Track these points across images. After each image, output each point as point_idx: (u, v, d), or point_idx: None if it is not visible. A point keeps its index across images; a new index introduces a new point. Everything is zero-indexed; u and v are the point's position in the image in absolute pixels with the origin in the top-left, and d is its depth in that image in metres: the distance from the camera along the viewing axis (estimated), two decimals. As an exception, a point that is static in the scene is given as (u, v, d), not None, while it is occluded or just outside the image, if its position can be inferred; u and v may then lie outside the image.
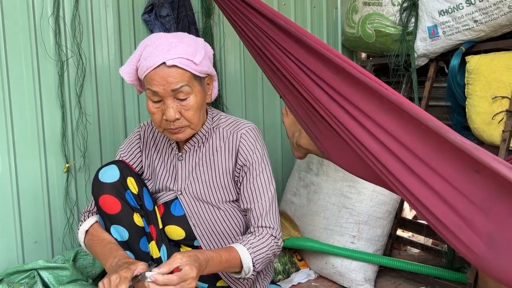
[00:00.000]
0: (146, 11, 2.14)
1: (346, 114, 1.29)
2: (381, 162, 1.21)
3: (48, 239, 1.99)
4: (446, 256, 2.03)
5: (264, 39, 1.51)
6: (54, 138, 1.97)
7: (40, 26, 1.91)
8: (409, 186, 1.15)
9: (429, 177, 1.10)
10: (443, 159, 1.06)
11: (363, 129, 1.25)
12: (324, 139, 1.50)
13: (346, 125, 1.30)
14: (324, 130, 1.45)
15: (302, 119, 1.57)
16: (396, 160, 1.17)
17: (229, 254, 1.31)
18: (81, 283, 1.77)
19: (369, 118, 1.22)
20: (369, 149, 1.24)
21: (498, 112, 1.83)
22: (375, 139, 1.22)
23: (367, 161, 1.28)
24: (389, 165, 1.19)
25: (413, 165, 1.13)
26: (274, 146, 2.62)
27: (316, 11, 2.73)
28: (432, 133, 1.07)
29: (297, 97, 1.50)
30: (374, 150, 1.22)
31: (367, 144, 1.24)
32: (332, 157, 1.56)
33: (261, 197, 1.43)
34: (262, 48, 1.55)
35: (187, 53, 1.32)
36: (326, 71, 1.32)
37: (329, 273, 2.06)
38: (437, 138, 1.06)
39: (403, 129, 1.15)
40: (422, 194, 1.12)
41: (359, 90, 1.23)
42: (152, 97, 1.36)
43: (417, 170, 1.12)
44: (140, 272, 1.15)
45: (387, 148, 1.19)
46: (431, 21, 2.10)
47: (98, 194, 1.40)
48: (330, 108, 1.34)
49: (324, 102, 1.35)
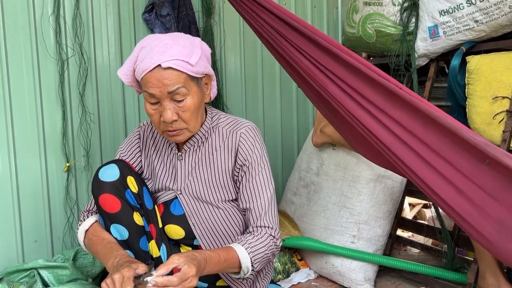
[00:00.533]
0: (146, 10, 2.14)
1: (360, 108, 1.36)
2: (396, 155, 1.29)
3: (48, 238, 1.99)
4: (446, 256, 2.03)
5: (278, 38, 1.55)
6: (55, 137, 1.97)
7: (41, 25, 1.91)
8: (423, 177, 1.23)
9: (443, 168, 1.18)
10: (456, 151, 1.15)
11: (378, 123, 1.32)
12: (346, 131, 1.60)
13: (362, 121, 1.36)
14: (345, 123, 1.52)
15: (325, 111, 1.64)
16: (410, 151, 1.25)
17: (227, 254, 1.31)
18: (81, 282, 1.77)
19: (384, 113, 1.29)
20: (384, 143, 1.31)
21: (499, 112, 1.83)
22: (389, 132, 1.30)
23: (381, 152, 1.35)
24: (404, 157, 1.27)
25: (428, 157, 1.21)
26: (274, 145, 2.62)
27: (317, 10, 2.73)
28: (445, 129, 1.16)
29: (315, 92, 1.55)
30: (388, 142, 1.30)
31: (382, 138, 1.32)
32: (356, 148, 1.65)
33: (260, 197, 1.43)
34: (277, 47, 1.59)
35: (182, 55, 1.31)
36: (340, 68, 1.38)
37: (329, 272, 2.06)
38: (450, 134, 1.15)
39: (417, 123, 1.23)
40: (435, 183, 1.20)
41: (374, 87, 1.30)
42: (149, 99, 1.36)
43: (432, 161, 1.21)
44: (141, 272, 1.15)
45: (401, 141, 1.27)
46: (431, 21, 2.10)
47: (98, 193, 1.40)
48: (344, 103, 1.40)
49: (338, 97, 1.41)
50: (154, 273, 1.12)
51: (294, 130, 2.70)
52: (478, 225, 1.13)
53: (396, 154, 1.29)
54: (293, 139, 2.70)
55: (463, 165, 1.14)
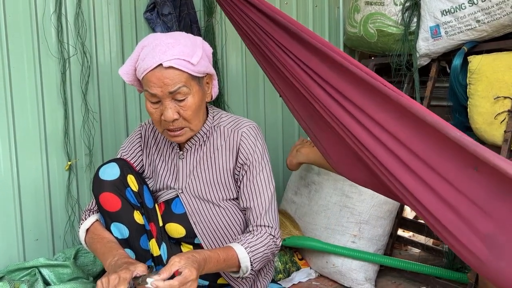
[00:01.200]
0: (148, 10, 2.14)
1: (344, 111, 1.28)
2: (377, 158, 1.19)
3: (49, 236, 1.99)
4: (447, 256, 2.03)
5: (263, 36, 1.50)
6: (56, 135, 1.97)
7: (43, 24, 1.91)
8: (407, 185, 1.12)
9: (428, 176, 1.07)
10: (443, 157, 1.04)
11: (360, 126, 1.23)
12: (324, 138, 1.50)
13: (343, 122, 1.29)
14: (323, 128, 1.44)
15: (301, 117, 1.57)
16: (393, 158, 1.15)
17: (226, 253, 1.31)
18: (82, 281, 1.77)
19: (367, 115, 1.21)
20: (366, 147, 1.22)
21: (500, 112, 1.83)
22: (371, 135, 1.21)
23: (364, 159, 1.26)
24: (386, 163, 1.17)
25: (411, 163, 1.10)
26: (275, 145, 2.62)
27: (318, 10, 2.72)
28: (431, 130, 1.04)
29: (296, 94, 1.49)
30: (370, 146, 1.21)
31: (364, 142, 1.22)
32: (332, 160, 1.55)
33: (261, 196, 1.43)
34: (261, 45, 1.55)
35: (183, 54, 1.31)
36: (323, 68, 1.31)
37: (330, 272, 2.06)
38: (437, 135, 1.03)
39: (401, 125, 1.12)
40: (421, 194, 1.10)
41: (358, 87, 1.22)
42: (150, 98, 1.36)
43: (415, 168, 1.10)
44: (140, 274, 1.15)
45: (383, 145, 1.17)
46: (433, 21, 2.10)
47: (98, 192, 1.40)
48: (327, 106, 1.33)
49: (322, 99, 1.34)
50: (156, 277, 1.12)
51: (295, 129, 2.70)
52: (468, 241, 1.00)
53: (378, 159, 1.19)
54: (294, 138, 2.69)
55: (450, 171, 1.03)
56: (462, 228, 1.01)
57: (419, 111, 1.07)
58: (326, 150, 1.53)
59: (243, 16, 1.56)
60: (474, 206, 0.99)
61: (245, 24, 1.57)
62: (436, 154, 1.05)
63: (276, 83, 1.61)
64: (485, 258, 0.97)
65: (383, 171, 1.21)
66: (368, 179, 1.35)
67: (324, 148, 1.54)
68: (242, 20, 1.59)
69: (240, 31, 1.66)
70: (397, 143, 1.14)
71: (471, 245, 1.00)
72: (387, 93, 1.14)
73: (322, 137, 1.51)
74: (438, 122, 1.03)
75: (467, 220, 1.01)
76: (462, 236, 1.01)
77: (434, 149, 1.06)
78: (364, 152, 1.26)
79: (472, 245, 1.00)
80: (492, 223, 0.96)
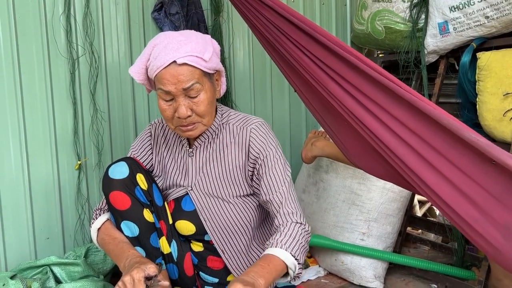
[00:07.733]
0: (155, 9, 2.15)
1: (361, 107, 1.29)
2: (396, 154, 1.22)
3: (59, 235, 2.01)
4: (456, 254, 2.02)
5: (277, 34, 1.51)
6: (66, 135, 1.99)
7: (52, 25, 1.92)
8: (424, 177, 1.16)
9: (446, 169, 1.11)
10: (461, 152, 1.08)
11: (378, 122, 1.25)
12: (341, 132, 1.50)
13: (361, 119, 1.30)
14: (340, 122, 1.45)
15: (317, 111, 1.58)
16: (412, 152, 1.18)
17: (269, 260, 1.25)
18: (93, 279, 1.79)
19: (385, 111, 1.23)
20: (384, 142, 1.24)
21: (509, 109, 1.82)
22: (390, 132, 1.22)
23: (382, 153, 1.28)
24: (405, 158, 1.19)
25: (429, 156, 1.14)
26: (282, 142, 2.62)
27: (325, 7, 2.72)
28: (448, 129, 1.09)
29: (312, 90, 1.49)
30: (390, 142, 1.22)
31: (382, 137, 1.24)
32: (349, 153, 1.56)
33: (279, 186, 1.42)
34: (275, 43, 1.55)
35: (196, 51, 1.32)
36: (340, 65, 1.32)
37: (339, 270, 2.06)
38: (451, 134, 1.08)
39: (420, 122, 1.16)
40: (439, 186, 1.13)
41: (375, 85, 1.24)
42: (163, 96, 1.37)
43: (434, 162, 1.13)
44: (151, 274, 1.16)
45: (402, 140, 1.20)
46: (441, 17, 2.09)
47: (108, 190, 1.41)
48: (344, 102, 1.34)
49: (338, 96, 1.35)
50: None
51: (303, 127, 2.70)
52: (484, 231, 1.04)
53: (396, 153, 1.21)
54: (301, 136, 2.69)
55: (467, 165, 1.06)
56: (479, 219, 1.05)
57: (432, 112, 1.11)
58: (343, 143, 1.54)
59: (257, 15, 1.57)
60: (490, 197, 1.04)
61: (259, 23, 1.59)
62: (454, 149, 1.09)
63: (291, 79, 1.62)
64: (502, 247, 1.01)
65: (399, 164, 1.23)
66: (386, 171, 1.38)
67: (341, 141, 1.55)
68: (256, 19, 1.60)
69: (254, 29, 1.67)
70: (416, 137, 1.17)
71: (487, 235, 1.04)
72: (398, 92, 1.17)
73: (339, 131, 1.51)
74: (452, 124, 1.07)
75: (483, 211, 1.04)
76: (478, 226, 1.05)
77: (452, 144, 1.10)
78: (380, 146, 1.27)
79: (488, 234, 1.03)
80: (509, 214, 1.00)
